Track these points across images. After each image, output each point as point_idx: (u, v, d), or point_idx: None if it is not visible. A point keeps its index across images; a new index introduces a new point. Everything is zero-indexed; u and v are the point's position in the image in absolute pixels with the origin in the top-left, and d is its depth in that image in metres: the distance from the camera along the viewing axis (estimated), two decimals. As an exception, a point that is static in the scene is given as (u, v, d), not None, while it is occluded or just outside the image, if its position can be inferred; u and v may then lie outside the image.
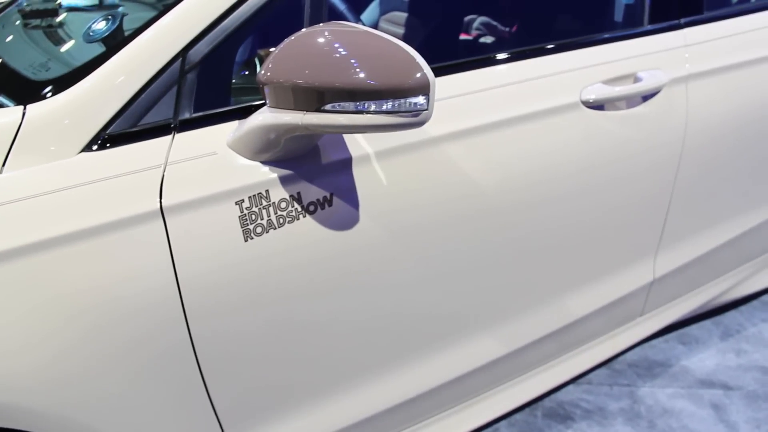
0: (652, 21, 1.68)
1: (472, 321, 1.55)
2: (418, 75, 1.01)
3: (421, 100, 1.01)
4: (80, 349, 1.06)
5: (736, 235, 2.07)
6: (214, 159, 1.14)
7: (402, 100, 1.01)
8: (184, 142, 1.14)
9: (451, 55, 1.79)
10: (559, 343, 1.78)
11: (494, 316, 1.58)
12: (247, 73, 1.41)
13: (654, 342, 2.33)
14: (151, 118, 1.14)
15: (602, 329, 1.88)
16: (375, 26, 2.26)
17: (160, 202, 1.08)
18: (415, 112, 1.02)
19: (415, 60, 1.02)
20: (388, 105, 1.01)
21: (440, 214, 1.37)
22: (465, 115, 1.37)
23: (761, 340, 2.38)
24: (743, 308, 2.54)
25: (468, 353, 1.56)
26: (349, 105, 1.02)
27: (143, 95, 1.13)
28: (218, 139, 1.16)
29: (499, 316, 1.59)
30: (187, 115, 1.16)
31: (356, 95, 1.01)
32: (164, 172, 1.10)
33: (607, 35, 1.61)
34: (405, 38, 2.12)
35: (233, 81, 1.26)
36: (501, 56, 1.46)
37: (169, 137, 1.14)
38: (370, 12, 2.34)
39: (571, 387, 2.12)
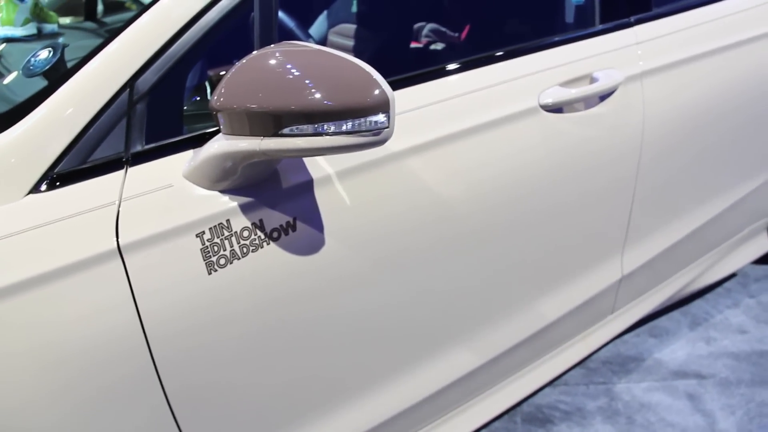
0: (603, 21, 1.68)
1: (446, 333, 1.53)
2: (377, 92, 0.98)
3: (381, 118, 0.99)
4: (42, 392, 1.01)
5: (698, 226, 2.09)
6: (171, 191, 1.10)
7: (362, 120, 0.98)
8: (137, 176, 1.09)
9: (406, 66, 1.77)
10: (534, 348, 1.77)
11: (468, 326, 1.56)
12: (198, 99, 1.37)
13: (626, 337, 2.33)
14: (102, 153, 1.09)
15: (575, 330, 1.88)
16: (324, 40, 2.23)
17: (117, 241, 1.04)
18: (376, 130, 0.99)
19: (372, 77, 0.99)
20: (347, 125, 0.98)
21: (406, 229, 1.34)
22: (425, 127, 1.34)
23: (728, 327, 2.41)
24: (708, 296, 2.57)
25: (444, 367, 1.54)
26: (308, 127, 0.98)
27: (92, 129, 1.08)
28: (173, 170, 1.12)
29: (472, 326, 1.57)
30: (138, 148, 1.11)
31: (314, 117, 0.97)
32: (119, 209, 1.05)
33: (560, 37, 1.61)
34: (356, 50, 2.10)
35: (185, 108, 1.22)
36: (457, 65, 1.44)
37: (121, 172, 1.09)
38: (319, 26, 2.31)
39: (548, 390, 2.11)
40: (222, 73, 1.43)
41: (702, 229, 2.12)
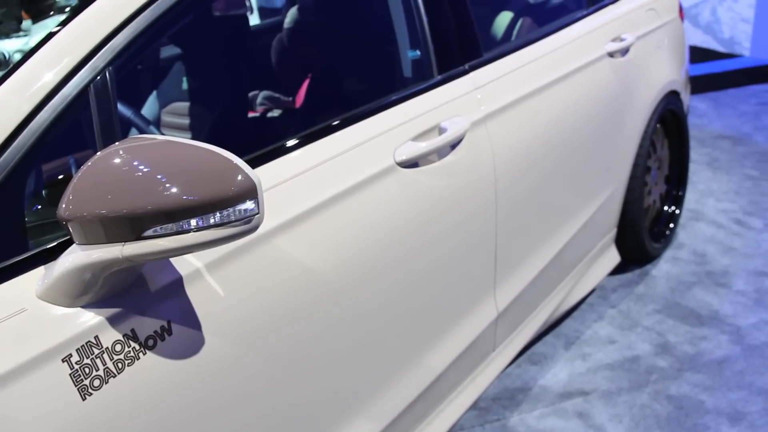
0: (440, 71, 1.73)
1: (337, 409, 1.47)
2: (240, 179, 0.94)
3: (250, 205, 0.94)
4: None
5: (558, 251, 2.19)
6: (25, 317, 0.99)
7: (230, 210, 0.93)
8: None
9: (251, 141, 1.73)
10: (427, 403, 1.74)
11: (357, 398, 1.51)
12: (41, 207, 1.26)
13: (509, 370, 2.38)
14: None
15: (463, 375, 1.89)
16: (157, 121, 2.14)
17: (-31, 384, 0.92)
18: (247, 218, 0.95)
19: (233, 163, 0.95)
20: (215, 218, 0.93)
21: (284, 310, 1.29)
22: (288, 203, 1.31)
23: (599, 340, 2.52)
24: (575, 315, 2.68)
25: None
26: (172, 226, 0.92)
27: None
28: (24, 292, 1.01)
29: (360, 394, 1.53)
30: None
31: (176, 215, 0.91)
32: (-35, 347, 0.94)
33: (403, 93, 1.63)
34: (192, 128, 2.03)
35: (27, 220, 1.11)
36: (310, 134, 1.42)
37: None
38: (149, 107, 2.21)
39: (446, 438, 2.10)
40: (60, 177, 1.34)
41: (561, 252, 2.22)
